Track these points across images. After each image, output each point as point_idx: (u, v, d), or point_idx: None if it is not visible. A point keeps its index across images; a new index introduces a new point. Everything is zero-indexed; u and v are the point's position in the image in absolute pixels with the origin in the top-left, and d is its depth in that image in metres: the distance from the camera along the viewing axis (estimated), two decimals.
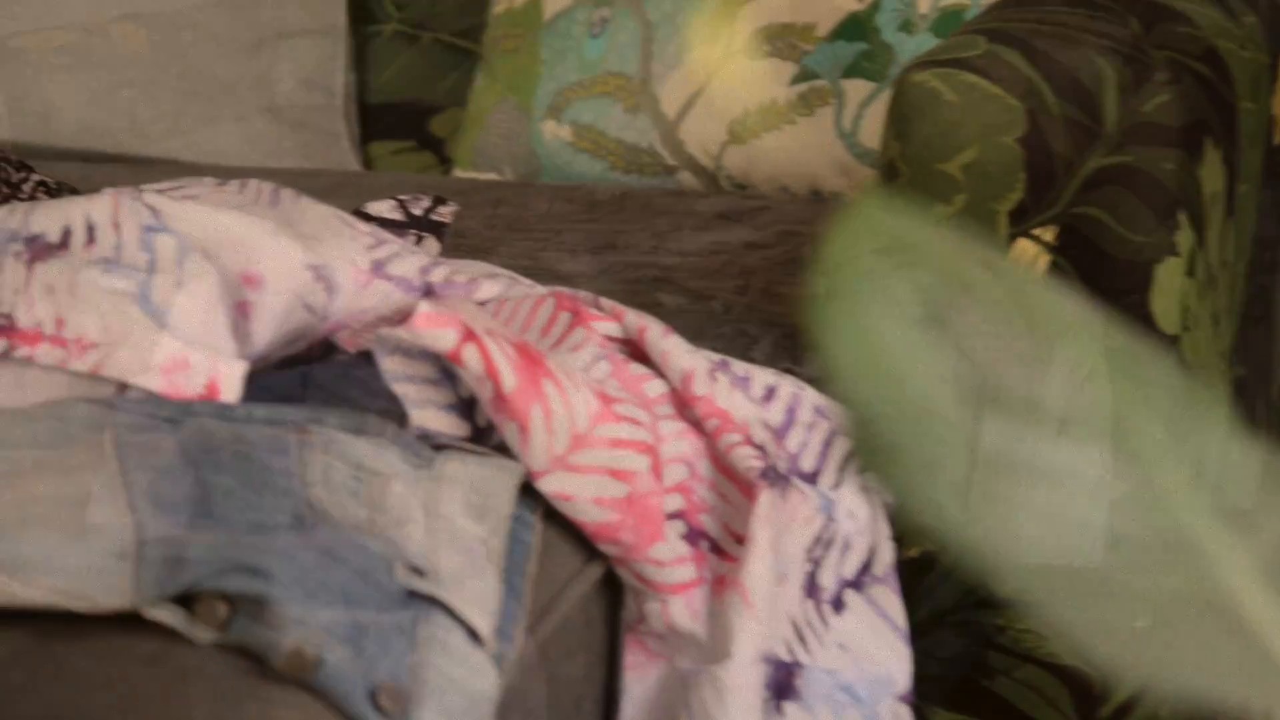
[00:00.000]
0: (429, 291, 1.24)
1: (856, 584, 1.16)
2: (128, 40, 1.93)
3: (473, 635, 0.99)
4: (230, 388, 1.14)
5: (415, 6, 1.97)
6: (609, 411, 1.11)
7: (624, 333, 1.22)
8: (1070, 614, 0.52)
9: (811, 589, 1.14)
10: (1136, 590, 0.53)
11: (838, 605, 1.15)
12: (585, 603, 1.12)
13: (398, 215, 1.48)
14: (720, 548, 1.13)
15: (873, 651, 1.14)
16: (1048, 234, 1.25)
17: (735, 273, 1.45)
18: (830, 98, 1.65)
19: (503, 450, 1.13)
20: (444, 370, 1.13)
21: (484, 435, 1.14)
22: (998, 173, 1.24)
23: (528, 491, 1.11)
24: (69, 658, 0.92)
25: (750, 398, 1.19)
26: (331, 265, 1.21)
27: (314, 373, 1.19)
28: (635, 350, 1.22)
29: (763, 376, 1.21)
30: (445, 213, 1.48)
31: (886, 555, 1.16)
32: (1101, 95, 1.25)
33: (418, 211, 1.48)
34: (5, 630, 0.94)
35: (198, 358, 1.14)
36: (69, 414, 1.10)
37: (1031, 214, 1.25)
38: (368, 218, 1.45)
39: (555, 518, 1.12)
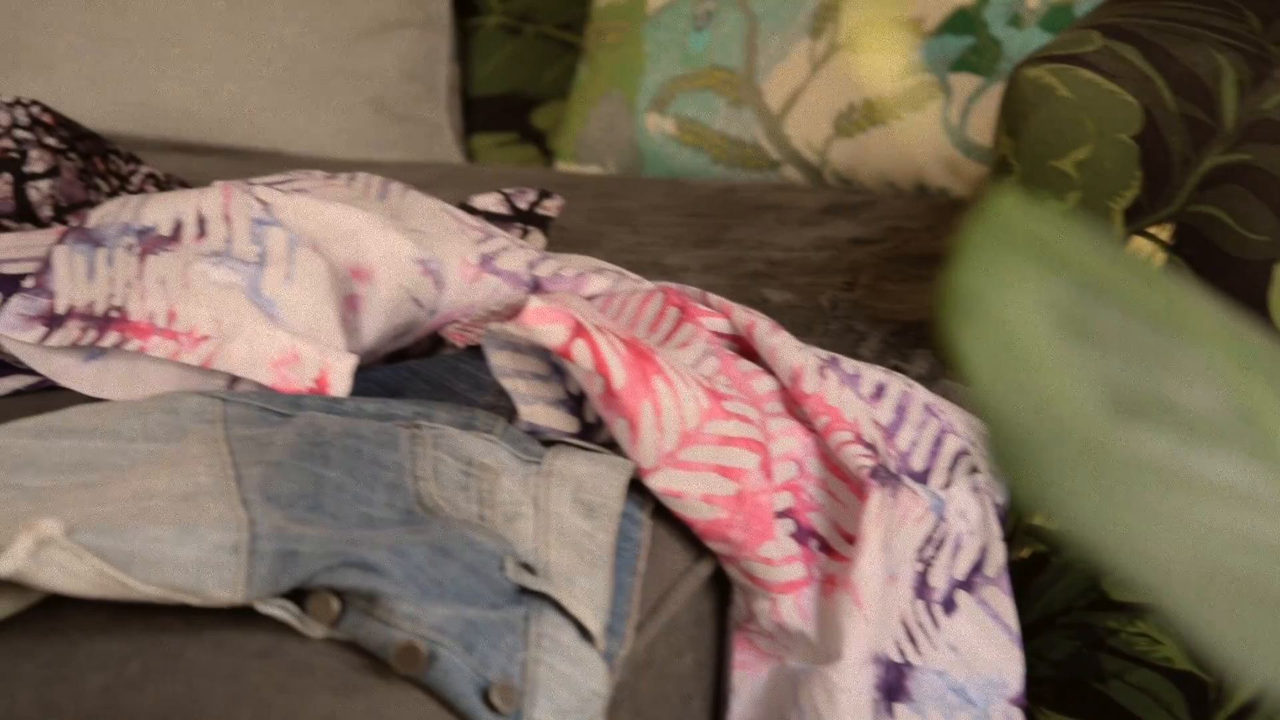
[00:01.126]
0: (537, 286, 1.24)
1: (968, 585, 1.14)
2: (231, 31, 1.94)
3: (583, 633, 0.99)
4: (340, 381, 1.14)
5: None
6: (718, 408, 1.10)
7: (732, 329, 1.21)
8: (1209, 621, 0.51)
9: (922, 589, 1.13)
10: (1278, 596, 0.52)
11: (949, 606, 1.14)
12: (694, 601, 1.12)
13: (503, 209, 1.48)
14: (830, 546, 1.12)
15: (984, 653, 1.13)
16: (1164, 233, 1.23)
17: (842, 268, 1.44)
18: (937, 92, 1.64)
19: (611, 446, 1.12)
20: (553, 366, 1.13)
21: (592, 431, 1.13)
22: (1113, 170, 1.23)
23: (636, 488, 1.11)
24: (184, 651, 0.92)
25: (860, 395, 1.18)
26: (440, 259, 1.21)
27: (422, 367, 1.19)
28: (743, 346, 1.21)
29: (872, 374, 1.20)
30: (550, 206, 1.47)
31: (998, 556, 1.15)
32: (1220, 92, 1.23)
33: (523, 205, 1.48)
34: (122, 623, 0.94)
35: (308, 351, 1.14)
36: (180, 407, 1.10)
37: (1147, 212, 1.24)
38: (473, 211, 1.45)
39: (664, 515, 1.12)
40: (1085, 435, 0.53)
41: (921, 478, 1.16)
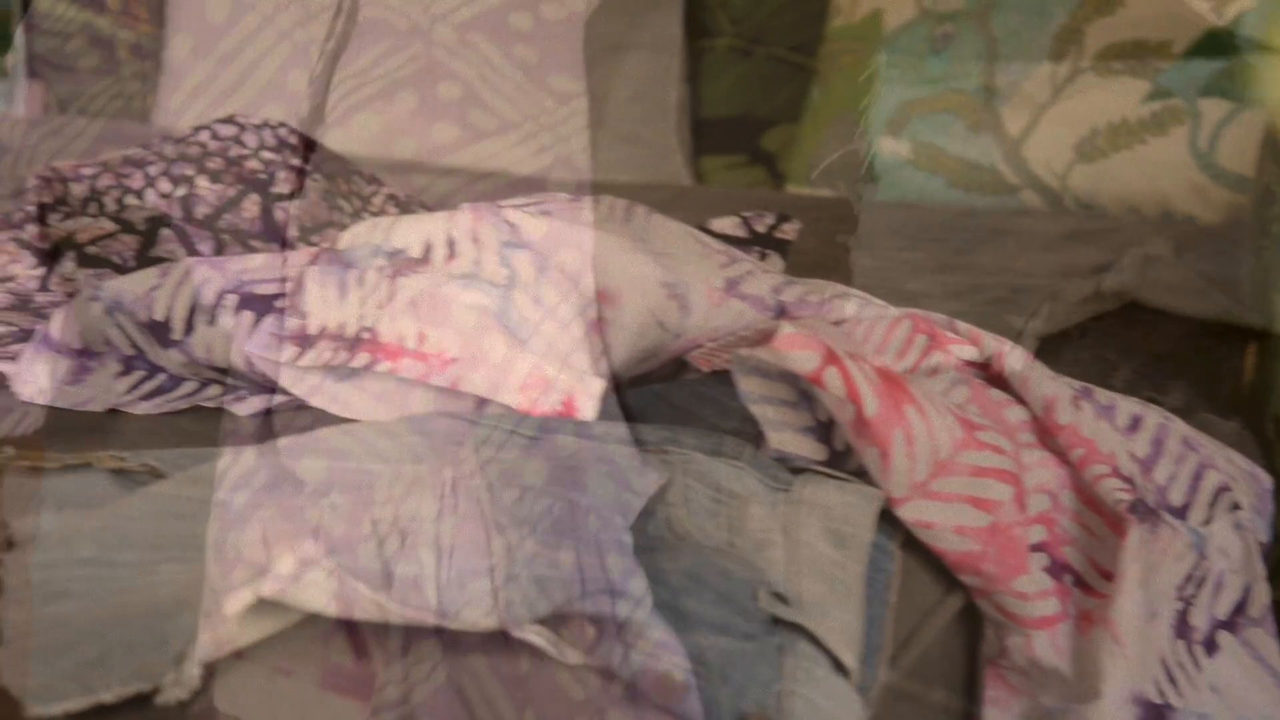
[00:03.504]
0: (782, 311, 1.23)
1: (1230, 625, 1.11)
2: (461, 55, 1.95)
3: (837, 665, 0.97)
4: (587, 406, 1.13)
5: (751, 21, 1.96)
6: (971, 438, 1.08)
7: (981, 357, 1.19)
8: None
9: (1182, 629, 1.10)
10: None
11: (1210, 646, 1.10)
12: (945, 635, 1.10)
13: (741, 232, 1.47)
14: (1085, 582, 1.10)
15: (1247, 696, 1.10)
16: None
17: (1088, 296, 1.42)
18: (1185, 117, 1.60)
19: (860, 475, 1.11)
20: (801, 392, 1.11)
21: (840, 459, 1.12)
22: None
23: (886, 518, 1.09)
24: (440, 675, 0.92)
25: (1115, 427, 1.16)
26: (686, 283, 1.20)
27: (667, 391, 1.18)
28: (992, 375, 1.19)
29: (1127, 405, 1.17)
30: (789, 230, 1.46)
31: (1262, 596, 1.11)
32: None
33: (760, 228, 1.47)
34: (377, 646, 0.94)
35: (555, 375, 1.14)
36: (430, 429, 1.10)
37: None
38: (712, 234, 1.44)
39: (914, 546, 1.10)
40: None
41: (1180, 513, 1.13)
